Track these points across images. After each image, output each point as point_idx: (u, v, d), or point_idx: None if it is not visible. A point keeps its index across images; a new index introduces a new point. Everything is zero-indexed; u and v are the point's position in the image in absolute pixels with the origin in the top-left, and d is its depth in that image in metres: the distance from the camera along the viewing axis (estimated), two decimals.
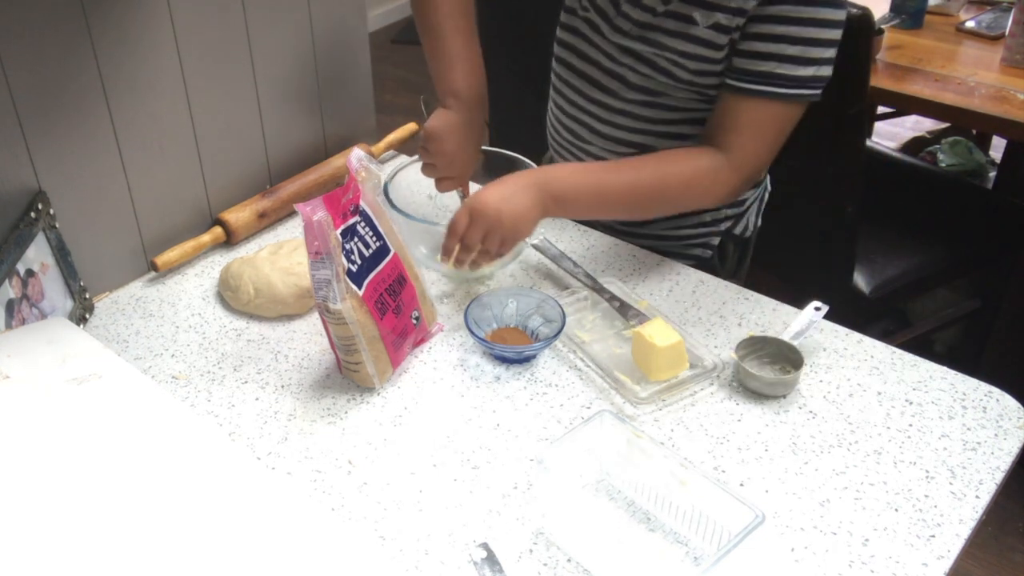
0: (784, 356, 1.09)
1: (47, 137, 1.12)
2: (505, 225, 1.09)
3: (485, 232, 1.09)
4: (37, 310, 1.11)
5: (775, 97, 1.14)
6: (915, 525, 0.91)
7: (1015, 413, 1.04)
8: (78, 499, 0.81)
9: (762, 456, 0.99)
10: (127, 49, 1.17)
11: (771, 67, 1.13)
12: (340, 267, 0.98)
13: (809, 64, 1.12)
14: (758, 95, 1.15)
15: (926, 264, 1.99)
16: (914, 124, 3.41)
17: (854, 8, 1.57)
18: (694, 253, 1.42)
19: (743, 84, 1.15)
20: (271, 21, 1.34)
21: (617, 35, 1.24)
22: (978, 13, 2.25)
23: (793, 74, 1.12)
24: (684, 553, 0.89)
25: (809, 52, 1.12)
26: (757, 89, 1.14)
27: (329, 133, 1.51)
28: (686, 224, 1.40)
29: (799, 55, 1.12)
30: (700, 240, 1.42)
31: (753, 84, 1.14)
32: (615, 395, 1.07)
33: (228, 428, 1.04)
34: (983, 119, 1.88)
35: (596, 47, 1.28)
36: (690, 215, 1.39)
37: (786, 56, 1.12)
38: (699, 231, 1.41)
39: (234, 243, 1.36)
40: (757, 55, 1.13)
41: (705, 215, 1.40)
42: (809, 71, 1.13)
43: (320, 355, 1.15)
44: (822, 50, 1.12)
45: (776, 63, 1.12)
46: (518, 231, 1.11)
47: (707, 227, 1.41)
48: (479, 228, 1.09)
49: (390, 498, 0.95)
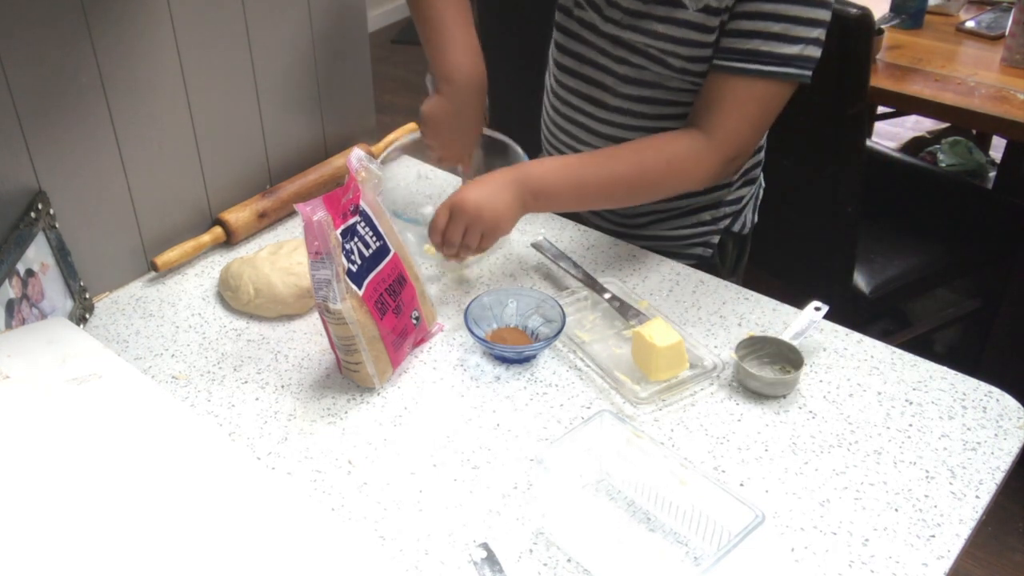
0: (784, 356, 1.09)
1: (47, 137, 1.12)
2: (486, 222, 1.11)
3: (465, 229, 1.12)
4: (37, 310, 1.11)
5: (759, 75, 1.14)
6: (915, 525, 0.91)
7: (1015, 413, 1.04)
8: (78, 499, 0.81)
9: (762, 456, 0.99)
10: (127, 49, 1.17)
11: (755, 45, 1.12)
12: (340, 267, 0.98)
13: (795, 42, 1.12)
14: (742, 73, 1.14)
15: (926, 264, 1.99)
16: (914, 124, 3.41)
17: (854, 8, 1.57)
18: (695, 252, 1.42)
19: (727, 63, 1.15)
20: (271, 21, 1.34)
21: (609, 25, 1.24)
22: (978, 13, 2.25)
23: (778, 52, 1.12)
24: (684, 553, 0.89)
25: (794, 30, 1.11)
26: (741, 67, 1.14)
27: (329, 133, 1.51)
28: (686, 224, 1.40)
29: (784, 32, 1.11)
30: (701, 239, 1.42)
31: (737, 62, 1.14)
32: (615, 395, 1.07)
33: (228, 428, 1.04)
34: (983, 119, 1.88)
35: (590, 45, 1.29)
36: (689, 214, 1.39)
37: (771, 34, 1.12)
38: (699, 230, 1.41)
39: (234, 243, 1.36)
40: (742, 33, 1.13)
41: (704, 214, 1.40)
42: (795, 49, 1.12)
43: (320, 355, 1.15)
44: (808, 29, 1.12)
45: (761, 41, 1.12)
46: (498, 228, 1.13)
47: (707, 226, 1.41)
48: (459, 225, 1.11)
49: (390, 498, 0.95)
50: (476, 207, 1.11)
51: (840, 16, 1.56)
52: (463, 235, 1.12)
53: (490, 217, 1.11)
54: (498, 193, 1.12)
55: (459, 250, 1.14)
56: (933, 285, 2.14)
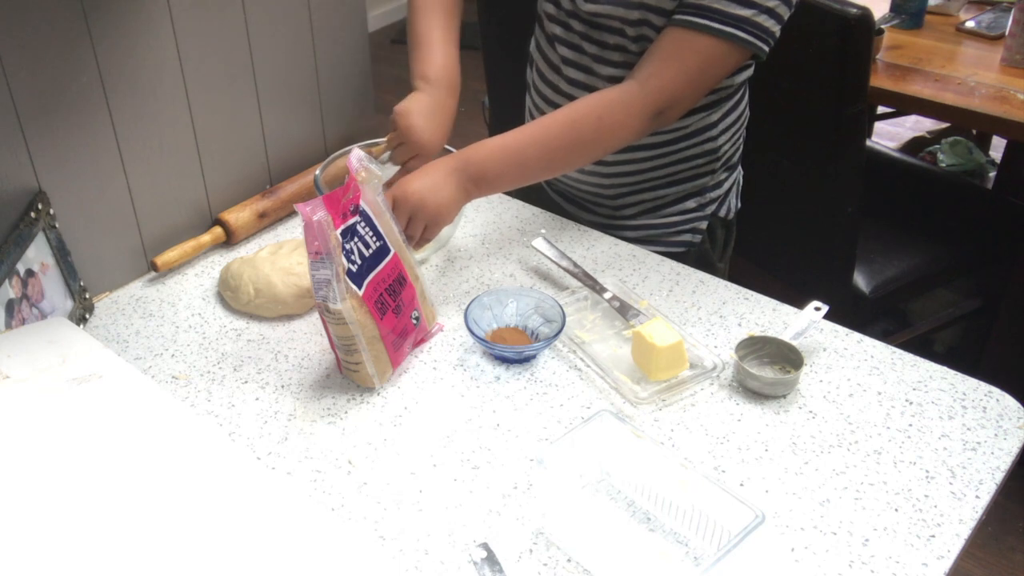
0: (784, 356, 1.10)
1: (47, 137, 1.12)
2: (428, 213, 1.13)
3: (408, 219, 1.13)
4: (37, 310, 1.11)
5: (705, 30, 1.13)
6: (915, 525, 0.91)
7: (1015, 413, 1.04)
8: (78, 499, 0.81)
9: (762, 456, 0.99)
10: (127, 49, 1.17)
11: (708, 1, 1.12)
12: (340, 267, 0.98)
13: (747, 6, 1.11)
14: (688, 26, 1.14)
15: (926, 264, 1.99)
16: (914, 124, 3.41)
17: (854, 8, 1.57)
18: (684, 239, 1.43)
19: (677, 16, 1.15)
20: (271, 21, 1.34)
21: (589, 4, 1.23)
22: (978, 13, 2.25)
23: (728, 11, 1.12)
24: (684, 553, 0.89)
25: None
26: (688, 20, 1.13)
27: (329, 133, 1.51)
28: (673, 212, 1.42)
29: None
30: (688, 226, 1.43)
31: (685, 16, 1.14)
32: (615, 395, 1.07)
33: (228, 428, 1.04)
34: (983, 119, 1.88)
35: (574, 31, 1.29)
36: (674, 203, 1.41)
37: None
38: (685, 217, 1.42)
39: (234, 243, 1.36)
40: None
41: (689, 202, 1.41)
42: (746, 12, 1.12)
43: (320, 355, 1.15)
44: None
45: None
46: (441, 217, 1.15)
47: (692, 212, 1.42)
48: (402, 215, 1.13)
49: (390, 498, 0.95)
50: (419, 198, 1.12)
51: (840, 16, 1.57)
52: (406, 226, 1.14)
53: (432, 207, 1.13)
54: (440, 183, 1.14)
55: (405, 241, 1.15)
56: (933, 285, 2.14)
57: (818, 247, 1.92)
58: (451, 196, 1.14)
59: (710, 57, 1.15)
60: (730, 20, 1.12)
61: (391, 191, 1.13)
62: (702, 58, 1.15)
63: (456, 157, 1.17)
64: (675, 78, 1.16)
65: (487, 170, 1.16)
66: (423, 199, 1.12)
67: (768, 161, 1.77)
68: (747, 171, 1.50)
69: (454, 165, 1.15)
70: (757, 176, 1.56)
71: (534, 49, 1.42)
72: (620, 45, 1.25)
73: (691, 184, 1.40)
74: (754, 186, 1.55)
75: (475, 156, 1.17)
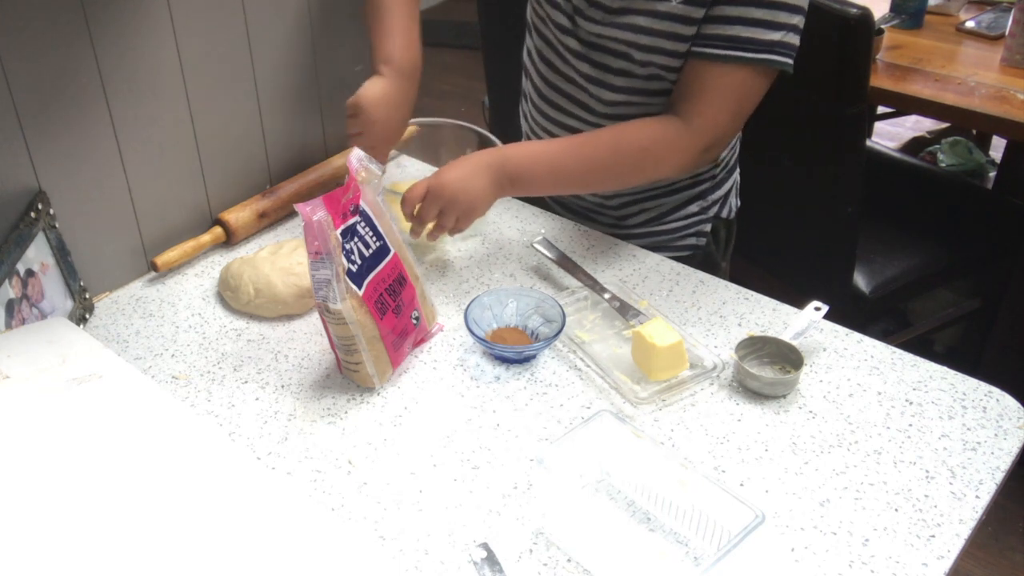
0: (784, 356, 1.10)
1: (47, 137, 1.12)
2: (461, 205, 1.14)
3: (440, 210, 1.14)
4: (37, 310, 1.11)
5: (741, 62, 1.13)
6: (915, 525, 0.91)
7: (1015, 413, 1.04)
8: (78, 499, 0.82)
9: (762, 456, 0.99)
10: (127, 49, 1.17)
11: (737, 31, 1.12)
12: (340, 267, 0.98)
13: (776, 29, 1.12)
14: (723, 60, 1.14)
15: (926, 264, 1.99)
16: (914, 124, 3.41)
17: (854, 8, 1.57)
18: (689, 243, 1.43)
19: (709, 49, 1.14)
20: (271, 21, 1.34)
21: (590, 24, 1.23)
22: (978, 13, 2.25)
23: (760, 38, 1.12)
24: (684, 553, 0.89)
25: (777, 16, 1.11)
26: (722, 54, 1.13)
27: (329, 133, 1.51)
28: (675, 218, 1.41)
29: (766, 19, 1.11)
30: (692, 230, 1.43)
31: (719, 49, 1.14)
32: (615, 395, 1.07)
33: (228, 428, 1.04)
34: (983, 119, 1.88)
35: (570, 50, 1.28)
36: (677, 208, 1.40)
37: (753, 20, 1.11)
38: (689, 221, 1.42)
39: (234, 243, 1.36)
40: (724, 19, 1.13)
41: (691, 206, 1.40)
42: (776, 36, 1.12)
43: (320, 355, 1.15)
44: (789, 15, 1.12)
45: (743, 27, 1.12)
46: (474, 210, 1.16)
47: (695, 216, 1.42)
48: (435, 206, 1.14)
49: (390, 498, 0.95)
50: (453, 190, 1.13)
51: (840, 16, 1.57)
52: (438, 216, 1.14)
53: (466, 200, 1.14)
54: (475, 176, 1.14)
55: (434, 230, 1.17)
56: (933, 285, 2.14)
57: (818, 247, 1.92)
58: (485, 189, 1.15)
59: (750, 88, 1.16)
60: (763, 47, 1.12)
61: (426, 180, 1.14)
62: (742, 91, 1.16)
63: (494, 153, 1.18)
64: (718, 117, 1.17)
65: (524, 170, 1.17)
66: (456, 191, 1.13)
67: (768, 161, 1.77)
68: (747, 171, 1.50)
69: (491, 159, 1.16)
70: (757, 176, 1.56)
71: (526, 59, 1.41)
72: (624, 70, 1.24)
73: (692, 191, 1.39)
74: (754, 186, 1.54)
75: (514, 155, 1.18)
